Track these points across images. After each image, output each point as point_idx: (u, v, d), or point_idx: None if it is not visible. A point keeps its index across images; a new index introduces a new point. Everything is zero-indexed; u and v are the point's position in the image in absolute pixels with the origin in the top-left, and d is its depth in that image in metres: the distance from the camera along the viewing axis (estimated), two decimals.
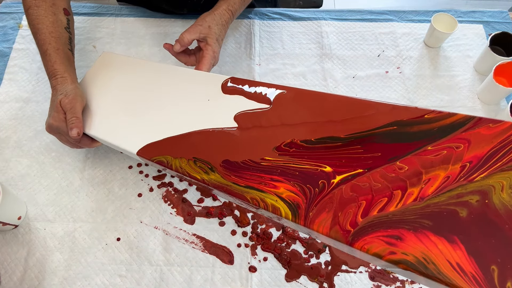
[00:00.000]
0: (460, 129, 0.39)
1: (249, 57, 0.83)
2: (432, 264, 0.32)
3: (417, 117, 0.41)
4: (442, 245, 0.33)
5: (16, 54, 0.81)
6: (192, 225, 0.64)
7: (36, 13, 0.63)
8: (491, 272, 0.30)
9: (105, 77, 0.67)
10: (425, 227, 0.34)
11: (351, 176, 0.40)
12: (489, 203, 0.34)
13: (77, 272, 0.60)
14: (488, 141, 0.37)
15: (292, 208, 0.41)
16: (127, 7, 0.90)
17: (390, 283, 0.59)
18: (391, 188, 0.38)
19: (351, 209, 0.38)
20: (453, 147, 0.38)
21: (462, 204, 0.34)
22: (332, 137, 0.44)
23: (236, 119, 0.52)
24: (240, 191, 0.44)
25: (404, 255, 0.33)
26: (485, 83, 0.76)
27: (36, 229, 0.63)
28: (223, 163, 0.48)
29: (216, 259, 0.61)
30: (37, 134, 0.72)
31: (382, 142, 0.41)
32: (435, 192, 0.36)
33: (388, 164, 0.40)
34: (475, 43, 0.85)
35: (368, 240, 0.35)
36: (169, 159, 0.51)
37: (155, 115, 0.58)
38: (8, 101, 0.76)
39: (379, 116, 0.43)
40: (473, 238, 0.32)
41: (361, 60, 0.83)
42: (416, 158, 0.39)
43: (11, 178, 0.67)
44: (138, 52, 0.83)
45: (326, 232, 0.38)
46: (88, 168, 0.69)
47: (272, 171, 0.44)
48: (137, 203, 0.66)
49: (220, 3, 0.70)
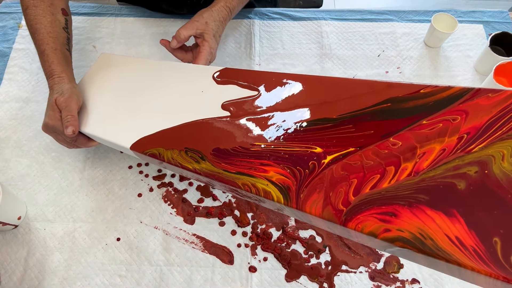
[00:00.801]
0: (458, 101, 0.37)
1: (249, 57, 0.83)
2: (429, 239, 0.30)
3: (413, 92, 0.39)
4: (440, 219, 0.31)
5: (16, 54, 0.81)
6: (192, 225, 0.64)
7: (34, 13, 0.63)
8: (493, 244, 0.28)
9: (103, 78, 0.67)
10: (421, 201, 0.32)
11: (342, 156, 0.39)
12: (489, 173, 0.32)
13: (77, 272, 0.60)
14: (487, 111, 0.35)
15: (283, 191, 0.39)
16: (127, 7, 0.90)
17: (390, 283, 0.59)
18: (384, 164, 0.36)
19: (342, 188, 0.36)
20: (449, 120, 0.36)
21: (459, 176, 0.32)
22: (324, 118, 0.43)
23: (226, 108, 0.51)
24: (232, 178, 0.43)
25: (400, 232, 0.31)
26: (485, 83, 0.76)
27: (36, 229, 0.63)
28: (213, 151, 0.47)
29: (216, 259, 0.61)
30: (37, 134, 0.72)
31: (375, 120, 0.40)
32: (430, 166, 0.34)
33: (381, 141, 0.38)
34: (475, 43, 0.85)
35: (361, 219, 0.34)
36: (161, 151, 0.51)
37: (149, 110, 0.58)
38: (8, 101, 0.76)
39: (373, 95, 0.41)
40: (473, 210, 0.30)
41: (361, 60, 0.83)
42: (411, 133, 0.37)
43: (11, 178, 0.67)
44: (138, 52, 0.83)
45: (319, 213, 0.36)
46: (88, 168, 0.69)
47: (261, 156, 0.43)
48: (137, 203, 0.66)
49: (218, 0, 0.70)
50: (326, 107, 0.44)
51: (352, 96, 0.43)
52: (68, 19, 0.68)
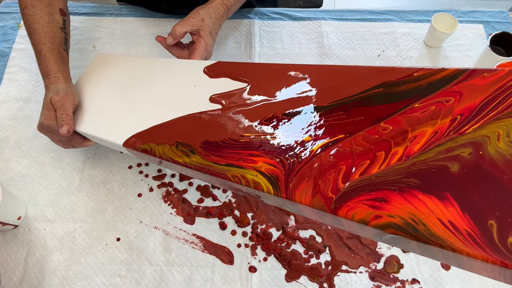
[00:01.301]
0: (452, 82, 0.35)
1: (249, 57, 0.83)
2: (421, 224, 0.29)
3: (405, 76, 0.38)
4: (432, 203, 0.30)
5: (16, 54, 0.81)
6: (192, 225, 0.64)
7: (31, 12, 0.63)
8: (489, 227, 0.27)
9: (98, 77, 0.67)
10: (412, 186, 0.31)
11: (331, 143, 0.38)
12: (483, 154, 0.31)
13: (77, 272, 0.60)
14: (482, 91, 0.34)
15: (272, 181, 0.38)
16: (127, 7, 0.90)
17: (390, 283, 0.59)
18: (374, 150, 0.35)
19: (331, 175, 0.35)
20: (442, 102, 0.35)
21: (452, 159, 0.31)
22: (314, 106, 0.42)
23: (215, 101, 0.51)
24: (221, 170, 0.42)
25: (391, 218, 0.30)
26: None
27: (36, 229, 0.63)
28: (203, 144, 0.46)
29: (216, 259, 0.61)
30: (37, 134, 0.72)
31: (366, 105, 0.38)
32: (421, 149, 0.33)
33: (372, 126, 0.37)
34: (475, 43, 0.85)
35: (351, 206, 0.32)
36: (152, 146, 0.50)
37: (142, 107, 0.58)
38: (8, 101, 0.75)
39: (365, 80, 0.40)
40: (467, 193, 0.29)
41: (361, 60, 0.83)
42: (402, 117, 0.36)
43: (11, 178, 0.67)
44: (138, 52, 0.83)
45: (309, 202, 0.35)
46: (88, 168, 0.69)
47: (250, 147, 0.43)
48: (137, 203, 0.66)
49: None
50: (316, 94, 0.43)
51: (343, 83, 0.42)
52: (66, 19, 0.68)
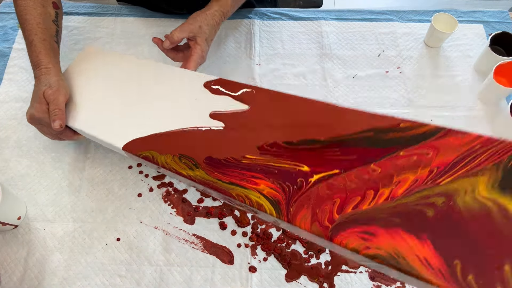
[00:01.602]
0: (431, 138, 0.42)
1: (249, 57, 0.83)
2: (402, 258, 0.35)
3: (393, 125, 0.44)
4: (412, 241, 0.36)
5: (16, 54, 0.81)
6: (192, 225, 0.64)
7: (24, 3, 0.64)
8: (454, 266, 0.34)
9: (90, 71, 0.67)
10: (396, 224, 0.37)
11: (328, 176, 0.43)
12: (453, 205, 0.37)
13: (77, 272, 0.60)
14: (456, 150, 0.40)
15: (274, 204, 0.43)
16: (127, 7, 0.90)
17: (390, 283, 0.59)
18: (365, 188, 0.41)
19: (327, 206, 0.41)
20: (423, 153, 0.41)
21: (429, 205, 0.38)
22: (312, 139, 0.47)
23: (218, 118, 0.53)
24: (226, 188, 0.46)
25: (378, 250, 0.36)
26: (485, 83, 0.76)
27: (36, 229, 0.63)
28: (206, 159, 0.49)
29: (216, 259, 0.61)
30: (37, 134, 0.72)
31: (359, 146, 0.44)
32: (404, 193, 0.39)
33: (363, 166, 0.43)
34: (475, 43, 0.85)
35: (345, 236, 0.38)
36: (155, 154, 0.52)
37: (141, 111, 0.59)
38: (8, 101, 0.75)
39: (358, 123, 0.46)
40: (439, 236, 0.36)
41: (361, 60, 0.83)
42: (389, 162, 0.42)
43: (11, 178, 0.67)
44: (138, 52, 0.83)
45: (308, 228, 0.40)
46: (88, 168, 0.69)
47: (252, 169, 0.47)
48: (137, 203, 0.66)
49: (212, 3, 0.70)
50: (315, 129, 0.47)
51: (339, 122, 0.47)
52: (59, 13, 0.69)
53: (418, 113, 0.76)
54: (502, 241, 0.34)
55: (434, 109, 0.77)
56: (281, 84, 0.79)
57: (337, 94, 0.78)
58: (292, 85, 0.79)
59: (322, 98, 0.77)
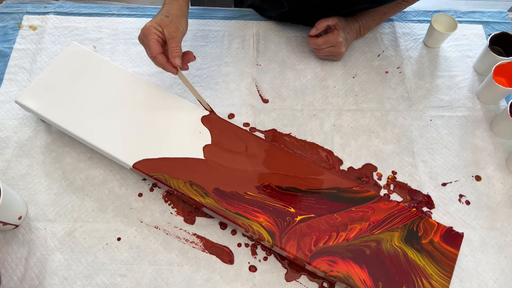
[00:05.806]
0: (371, 201, 0.62)
1: (249, 57, 0.83)
2: (351, 279, 0.56)
3: (349, 187, 0.63)
4: (357, 268, 0.56)
5: (16, 54, 0.81)
6: (192, 225, 0.64)
7: None
8: (379, 285, 0.55)
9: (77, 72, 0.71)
10: (348, 257, 0.57)
11: (307, 218, 0.60)
12: (380, 248, 0.58)
13: (78, 272, 0.60)
14: (383, 212, 0.61)
15: (271, 234, 0.58)
16: (128, 7, 0.90)
17: None
18: (330, 230, 0.59)
19: (307, 240, 0.58)
20: (365, 211, 0.61)
21: (367, 246, 0.58)
22: (296, 188, 0.62)
23: (219, 155, 0.64)
24: (233, 217, 0.59)
25: (337, 273, 0.56)
26: (485, 83, 0.76)
27: (36, 229, 0.63)
28: (214, 190, 0.61)
29: (216, 259, 0.62)
30: (37, 134, 0.72)
31: (327, 199, 0.62)
32: (354, 237, 0.59)
33: (329, 214, 0.60)
34: (474, 43, 0.85)
35: (318, 262, 0.56)
36: (166, 177, 0.62)
37: (149, 133, 0.66)
38: (8, 101, 0.76)
39: (327, 181, 0.63)
40: (371, 266, 0.56)
41: (361, 60, 0.83)
42: (345, 214, 0.60)
43: (11, 178, 0.68)
44: (138, 52, 0.83)
45: (294, 254, 0.57)
46: (89, 168, 0.69)
47: (253, 204, 0.60)
48: (137, 203, 0.66)
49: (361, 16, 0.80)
50: (298, 180, 0.63)
51: (315, 178, 0.63)
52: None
53: (417, 113, 0.76)
54: (403, 271, 0.56)
55: (433, 109, 0.77)
56: (281, 84, 0.79)
57: (337, 94, 0.78)
58: (292, 85, 0.79)
59: (322, 98, 0.78)
